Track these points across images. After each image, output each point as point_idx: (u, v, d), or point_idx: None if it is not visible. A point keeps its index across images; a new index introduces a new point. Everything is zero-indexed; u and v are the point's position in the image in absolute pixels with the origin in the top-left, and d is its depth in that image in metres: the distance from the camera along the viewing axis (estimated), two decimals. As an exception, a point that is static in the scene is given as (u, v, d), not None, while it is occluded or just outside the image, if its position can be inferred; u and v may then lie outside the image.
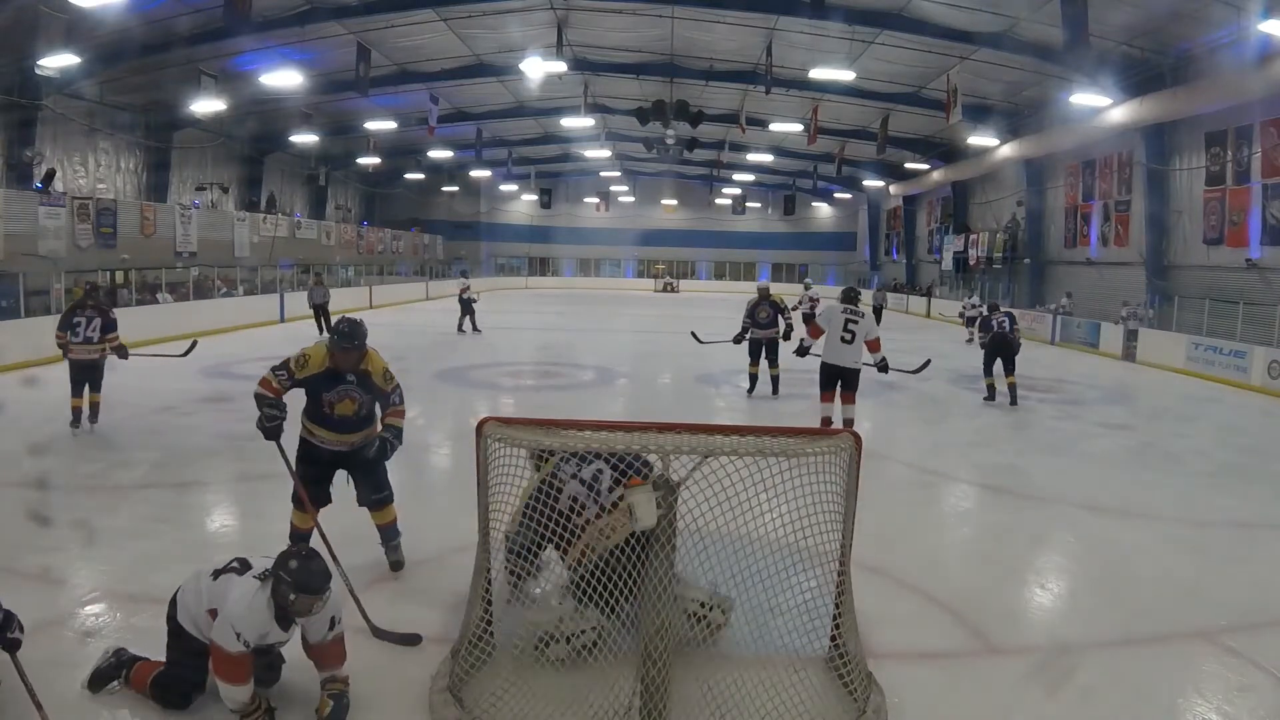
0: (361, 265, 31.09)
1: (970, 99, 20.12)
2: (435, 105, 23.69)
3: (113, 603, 4.15)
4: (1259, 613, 4.36)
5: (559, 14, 18.99)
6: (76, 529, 5.33)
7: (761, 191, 42.48)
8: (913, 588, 4.57)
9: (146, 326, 15.10)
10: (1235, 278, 16.07)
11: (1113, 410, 11.31)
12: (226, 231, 23.65)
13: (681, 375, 12.51)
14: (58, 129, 18.55)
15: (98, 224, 18.11)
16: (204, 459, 7.16)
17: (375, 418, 4.58)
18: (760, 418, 9.57)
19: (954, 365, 14.03)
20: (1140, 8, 14.65)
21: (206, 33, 16.12)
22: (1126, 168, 19.65)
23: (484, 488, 3.43)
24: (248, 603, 3.02)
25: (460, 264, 34.41)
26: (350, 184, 35.65)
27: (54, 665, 3.49)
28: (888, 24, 17.08)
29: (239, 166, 26.62)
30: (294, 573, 3.03)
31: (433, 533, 5.27)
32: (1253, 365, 13.49)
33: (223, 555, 5.04)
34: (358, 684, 3.36)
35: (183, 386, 10.62)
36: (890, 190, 34.64)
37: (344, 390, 4.36)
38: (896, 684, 3.46)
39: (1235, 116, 15.48)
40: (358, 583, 4.48)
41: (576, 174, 40.86)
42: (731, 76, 22.21)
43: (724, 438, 3.20)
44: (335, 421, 4.44)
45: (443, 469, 7.49)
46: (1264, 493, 6.92)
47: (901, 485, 6.78)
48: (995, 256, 26.34)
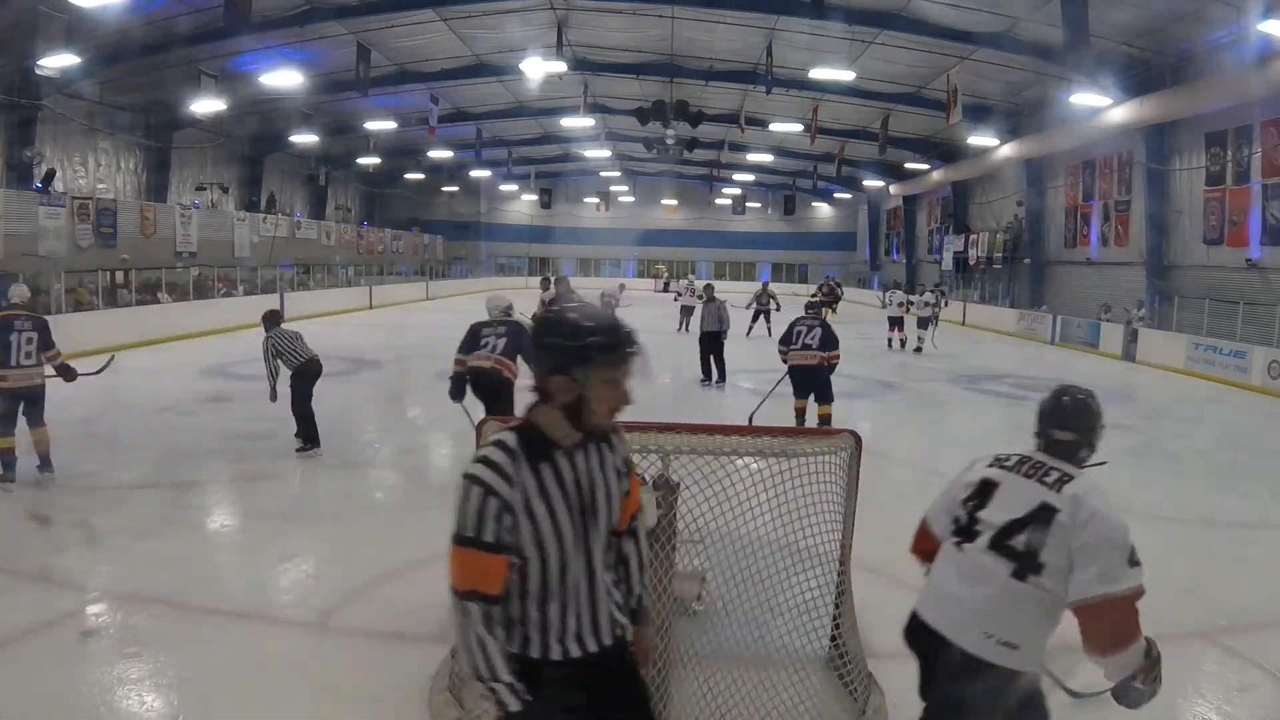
0: (361, 265, 31.08)
1: (970, 99, 20.12)
2: (435, 105, 23.70)
3: (113, 603, 4.15)
4: (1259, 613, 4.36)
5: (559, 14, 18.99)
6: (76, 529, 5.34)
7: (761, 191, 42.47)
8: (913, 588, 4.53)
9: (147, 327, 15.16)
10: (1235, 278, 16.06)
11: (1113, 410, 11.17)
12: (226, 231, 23.65)
13: (681, 375, 12.50)
14: (58, 129, 18.54)
15: (98, 224, 18.12)
16: (204, 459, 7.16)
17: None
18: (760, 417, 9.56)
19: (954, 365, 14.03)
20: (1140, 8, 14.64)
21: (206, 33, 16.11)
22: (1126, 168, 19.64)
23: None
24: None
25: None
26: (350, 184, 35.64)
27: (54, 665, 3.49)
28: (888, 24, 17.07)
29: (239, 166, 26.62)
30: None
31: (433, 533, 5.25)
32: (1253, 365, 13.49)
33: (223, 555, 5.11)
34: (358, 684, 3.37)
35: (183, 386, 10.63)
36: (890, 190, 34.63)
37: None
38: (896, 684, 3.45)
39: (1235, 116, 15.46)
40: (358, 580, 4.49)
41: (576, 174, 40.84)
42: (731, 76, 22.20)
43: (724, 438, 3.21)
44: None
45: (443, 469, 7.48)
46: (1264, 493, 6.92)
47: (901, 485, 6.78)
48: (995, 256, 26.33)
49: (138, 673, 3.47)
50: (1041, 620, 2.18)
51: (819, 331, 8.29)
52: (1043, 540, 2.15)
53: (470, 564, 1.73)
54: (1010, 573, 2.16)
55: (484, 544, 1.72)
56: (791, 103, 23.62)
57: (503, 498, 1.73)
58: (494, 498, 1.72)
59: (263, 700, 3.33)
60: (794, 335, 8.39)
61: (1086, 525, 2.12)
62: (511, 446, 1.78)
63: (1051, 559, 2.14)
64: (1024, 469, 2.30)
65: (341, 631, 3.97)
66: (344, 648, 3.82)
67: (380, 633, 3.93)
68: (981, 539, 2.24)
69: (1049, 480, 2.25)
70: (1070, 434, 2.36)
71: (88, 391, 7.29)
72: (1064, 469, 2.28)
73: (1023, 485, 2.26)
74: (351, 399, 10.36)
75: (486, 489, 1.72)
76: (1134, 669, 2.11)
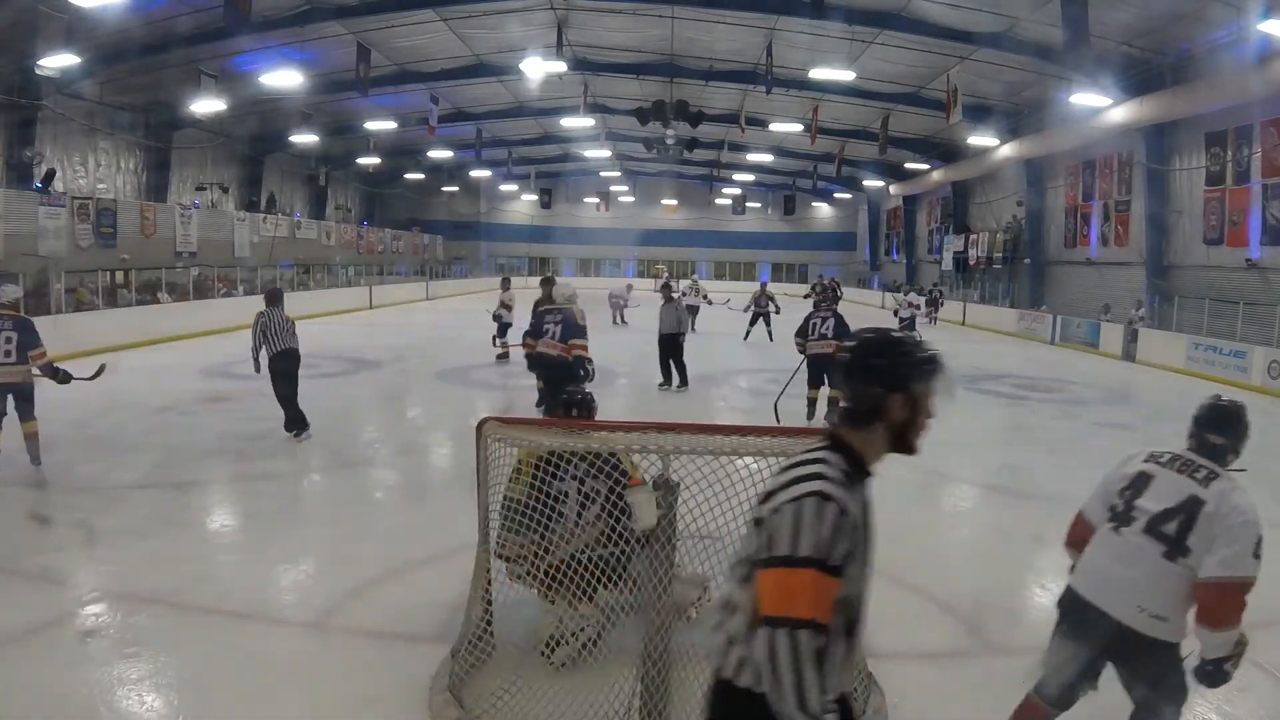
0: (361, 265, 31.09)
1: (970, 99, 20.12)
2: (435, 105, 23.70)
3: (113, 603, 4.14)
4: (1259, 613, 4.30)
5: (559, 14, 18.99)
6: (76, 529, 5.34)
7: (761, 191, 42.48)
8: (913, 588, 4.57)
9: (147, 327, 15.16)
10: (1235, 278, 16.07)
11: (1113, 410, 11.30)
12: (226, 231, 23.65)
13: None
14: (58, 129, 18.54)
15: (98, 224, 18.11)
16: (204, 459, 7.15)
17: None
18: (760, 418, 9.57)
19: (954, 365, 14.00)
20: (1140, 8, 14.64)
21: (206, 33, 16.12)
22: (1126, 168, 19.65)
23: (484, 488, 3.44)
24: None
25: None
26: (350, 184, 35.65)
27: (54, 665, 3.49)
28: (888, 24, 17.08)
29: (239, 166, 26.62)
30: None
31: (433, 533, 5.27)
32: (1253, 365, 13.49)
33: (222, 555, 5.11)
34: (358, 684, 3.36)
35: (183, 386, 10.63)
36: (890, 190, 34.64)
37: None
38: (896, 684, 3.46)
39: (1235, 116, 15.47)
40: (358, 580, 4.49)
41: (576, 174, 40.84)
42: (731, 76, 22.21)
43: (724, 438, 3.21)
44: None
45: (443, 469, 7.48)
46: (1264, 493, 6.83)
47: (901, 485, 6.78)
48: (995, 256, 26.34)
49: (137, 673, 3.46)
50: (1186, 597, 2.53)
51: (833, 322, 8.91)
52: (1190, 527, 2.52)
53: (816, 589, 1.57)
54: (1161, 554, 2.53)
55: (830, 568, 1.57)
56: (791, 103, 23.62)
57: (852, 518, 1.61)
58: (846, 518, 1.60)
59: (263, 700, 3.33)
60: (810, 327, 9.00)
61: (1227, 517, 2.49)
62: (839, 466, 1.67)
63: (1196, 544, 2.51)
64: (1176, 465, 2.67)
65: (341, 631, 3.97)
66: (344, 648, 3.81)
67: (380, 633, 3.93)
68: (1137, 524, 2.61)
69: (1198, 476, 2.61)
70: (1221, 439, 2.70)
71: (87, 392, 7.28)
72: (1211, 467, 2.63)
73: (1175, 479, 2.63)
74: (351, 399, 10.37)
75: (841, 508, 1.59)
76: (1228, 651, 2.51)
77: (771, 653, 1.55)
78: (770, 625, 1.56)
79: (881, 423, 1.72)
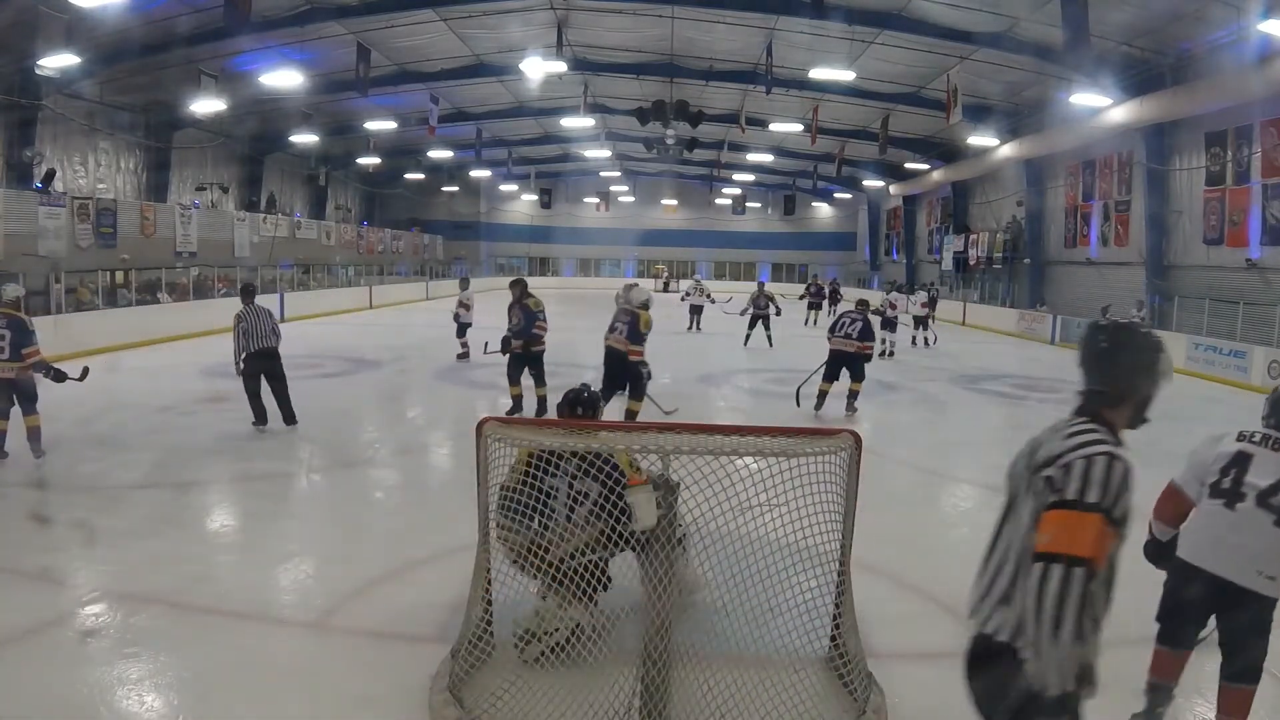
0: (361, 265, 31.08)
1: (970, 99, 20.11)
2: (435, 105, 23.68)
3: (113, 603, 4.14)
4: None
5: (559, 14, 18.98)
6: (76, 529, 5.34)
7: (761, 191, 42.47)
8: (913, 588, 4.57)
9: (147, 327, 15.16)
10: (1235, 278, 16.06)
11: (1113, 410, 11.28)
12: (226, 231, 23.63)
13: (681, 375, 12.50)
14: (58, 129, 18.53)
15: (98, 224, 18.11)
16: (204, 459, 7.15)
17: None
18: (760, 418, 9.58)
19: (954, 365, 14.03)
20: (1140, 8, 14.64)
21: (206, 33, 16.10)
22: (1126, 168, 19.64)
23: (484, 488, 3.44)
24: None
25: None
26: (350, 184, 35.64)
27: (53, 665, 3.49)
28: (888, 24, 17.07)
29: (239, 166, 26.61)
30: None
31: (433, 533, 5.27)
32: (1253, 365, 13.49)
33: (222, 555, 5.10)
34: (358, 684, 3.36)
35: (183, 386, 10.63)
36: (890, 190, 34.62)
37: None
38: (896, 684, 3.46)
39: (1235, 116, 15.46)
40: (358, 580, 4.49)
41: (576, 174, 40.83)
42: (731, 76, 22.20)
43: (724, 438, 3.21)
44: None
45: (443, 469, 7.48)
46: None
47: (901, 485, 6.78)
48: (995, 256, 26.33)
49: (137, 673, 3.46)
50: None
51: (859, 325, 9.49)
52: None
53: (1099, 532, 1.74)
54: (1273, 522, 2.91)
55: (1113, 519, 1.76)
56: (791, 103, 23.61)
57: (1132, 485, 1.80)
58: (1130, 480, 1.79)
59: (263, 700, 3.33)
60: (839, 325, 9.66)
61: None
62: (1111, 438, 1.89)
63: None
64: (1270, 444, 3.07)
65: (341, 631, 3.97)
66: (344, 648, 3.81)
67: (380, 633, 3.93)
68: (1249, 499, 2.96)
69: None
70: None
71: (87, 392, 7.29)
72: None
73: (1273, 456, 3.02)
74: (351, 399, 10.37)
75: (1128, 470, 1.80)
76: None
77: (1041, 587, 1.71)
78: (1046, 560, 1.72)
79: (1131, 403, 1.99)
